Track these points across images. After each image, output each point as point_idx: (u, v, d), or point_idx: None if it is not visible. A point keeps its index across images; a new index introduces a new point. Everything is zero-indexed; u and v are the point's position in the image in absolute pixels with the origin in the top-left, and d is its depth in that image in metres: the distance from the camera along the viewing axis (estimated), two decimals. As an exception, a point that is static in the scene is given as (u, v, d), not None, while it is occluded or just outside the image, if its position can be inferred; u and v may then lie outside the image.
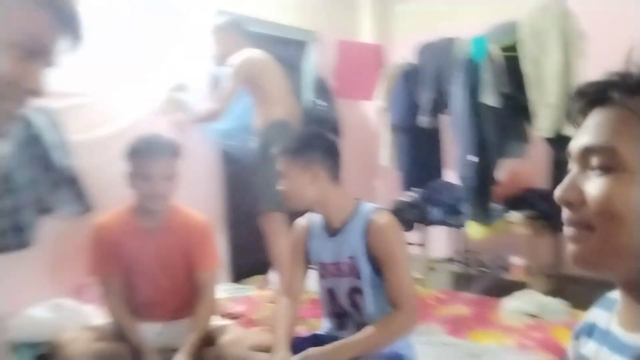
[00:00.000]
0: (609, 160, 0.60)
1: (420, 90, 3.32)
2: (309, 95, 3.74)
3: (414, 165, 3.47)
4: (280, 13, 3.62)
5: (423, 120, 3.28)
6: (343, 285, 1.63)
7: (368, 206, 1.64)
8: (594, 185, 0.61)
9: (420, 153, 3.47)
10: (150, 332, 1.88)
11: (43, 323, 2.02)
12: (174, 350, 1.81)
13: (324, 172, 1.62)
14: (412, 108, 3.38)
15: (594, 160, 0.62)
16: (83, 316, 2.11)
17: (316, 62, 3.74)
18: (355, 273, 1.59)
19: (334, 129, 3.72)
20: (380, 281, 1.57)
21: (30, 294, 2.18)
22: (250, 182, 2.98)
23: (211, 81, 3.13)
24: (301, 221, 1.77)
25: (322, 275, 1.70)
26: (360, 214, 1.61)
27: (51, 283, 2.24)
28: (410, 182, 3.49)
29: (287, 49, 3.61)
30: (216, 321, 1.98)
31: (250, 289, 3.03)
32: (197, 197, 2.98)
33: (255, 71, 2.80)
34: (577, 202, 0.63)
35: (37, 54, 0.70)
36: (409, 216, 3.33)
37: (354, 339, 1.53)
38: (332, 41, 3.77)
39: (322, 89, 3.70)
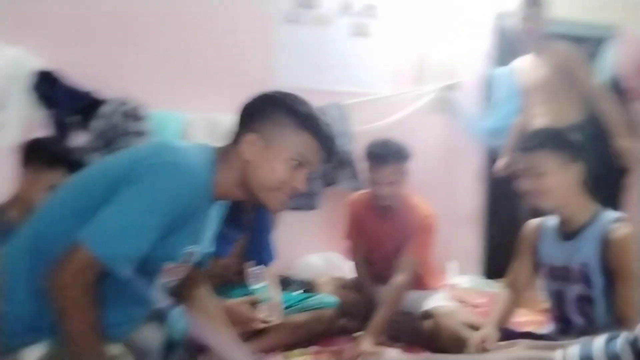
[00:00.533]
0: None
1: None
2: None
3: None
4: (574, 8, 3.39)
5: None
6: (571, 291, 1.58)
7: (609, 214, 1.55)
8: None
9: None
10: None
11: (314, 268, 2.61)
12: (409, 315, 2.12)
13: (581, 171, 1.57)
14: None
15: None
16: (340, 269, 2.60)
17: (614, 61, 3.37)
18: (585, 280, 1.53)
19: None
20: (611, 293, 1.48)
21: (310, 245, 2.83)
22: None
23: (486, 82, 3.22)
24: (534, 221, 1.76)
25: (551, 278, 1.67)
26: (600, 222, 1.54)
27: (326, 240, 2.82)
28: None
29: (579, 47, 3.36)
30: (442, 302, 2.15)
31: (499, 287, 3.01)
32: (458, 191, 3.17)
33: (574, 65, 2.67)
34: None
35: (304, 165, 1.18)
36: None
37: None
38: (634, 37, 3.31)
39: (616, 91, 3.30)
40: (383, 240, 2.20)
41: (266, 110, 1.18)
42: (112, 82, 2.54)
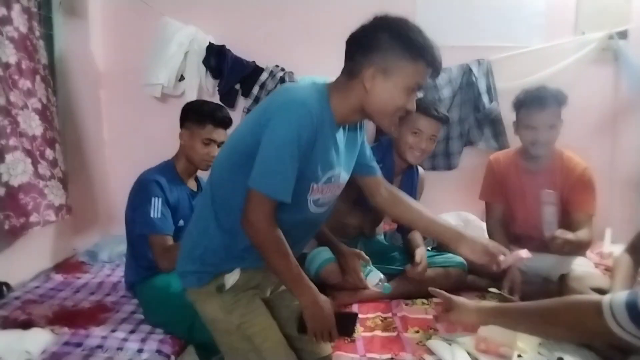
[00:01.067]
0: None
1: None
2: None
3: None
4: None
5: None
6: None
7: None
8: None
9: None
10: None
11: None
12: (546, 279, 2.11)
13: None
14: None
15: None
16: (476, 228, 2.60)
17: None
18: None
19: None
20: None
21: (447, 204, 2.85)
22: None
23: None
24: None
25: None
26: None
27: (463, 199, 2.82)
28: None
29: None
30: (580, 266, 2.05)
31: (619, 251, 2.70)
32: (621, 153, 2.88)
33: None
34: None
35: (418, 90, 1.36)
36: None
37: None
38: None
39: None
40: (528, 199, 2.14)
41: (382, 43, 1.27)
42: (268, 52, 2.88)
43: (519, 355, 1.53)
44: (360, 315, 1.84)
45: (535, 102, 2.02)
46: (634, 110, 2.87)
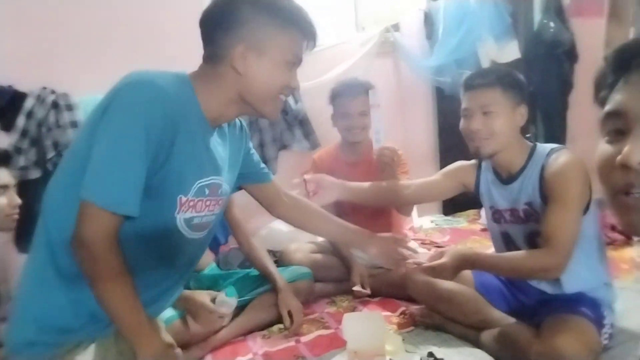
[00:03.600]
0: None
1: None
2: (538, 15, 3.41)
3: None
4: None
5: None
6: (521, 231, 1.58)
7: (544, 149, 1.53)
8: None
9: None
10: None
11: (281, 235, 2.57)
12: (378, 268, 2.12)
13: (525, 115, 1.53)
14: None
15: None
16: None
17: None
18: (534, 218, 1.53)
19: (568, 52, 3.34)
20: None
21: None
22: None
23: (425, 19, 3.15)
24: (468, 163, 1.74)
25: (496, 220, 1.66)
26: (536, 159, 1.52)
27: None
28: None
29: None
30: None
31: (460, 222, 3.11)
32: (412, 133, 3.16)
33: None
34: None
35: (298, 63, 1.15)
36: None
37: (497, 255, 1.60)
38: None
39: (553, 8, 3.32)
40: None
41: (245, 16, 1.06)
42: (31, 72, 2.30)
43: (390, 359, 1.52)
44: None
45: (347, 91, 2.16)
46: (415, 95, 3.20)
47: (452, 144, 3.29)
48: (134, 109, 0.96)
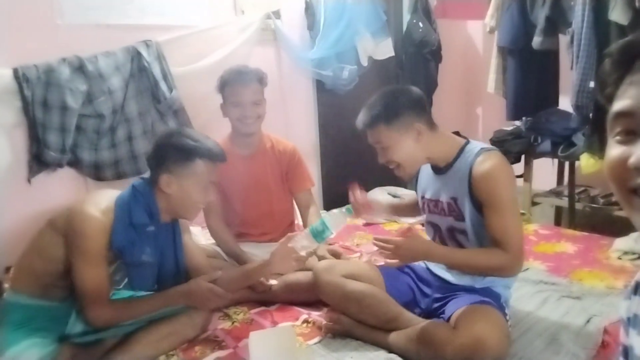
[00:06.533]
0: None
1: (536, 6, 2.94)
2: (407, 16, 3.54)
3: (524, 93, 3.10)
4: None
5: (537, 41, 2.92)
6: (444, 223, 1.60)
7: (474, 147, 1.53)
8: None
9: (532, 78, 3.08)
10: (247, 250, 2.03)
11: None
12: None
13: (424, 125, 1.51)
14: (525, 28, 3.01)
15: None
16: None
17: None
18: (455, 214, 1.55)
19: (434, 52, 3.52)
20: (482, 223, 1.49)
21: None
22: (342, 112, 2.93)
23: (306, 8, 3.04)
24: None
25: (423, 209, 1.69)
26: (465, 156, 1.52)
27: None
28: (519, 110, 3.18)
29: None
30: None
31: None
32: (292, 124, 3.04)
33: None
34: None
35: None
36: (514, 148, 3.12)
37: (454, 250, 1.56)
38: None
39: (421, 9, 3.47)
40: (246, 185, 2.08)
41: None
42: None
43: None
44: None
45: (239, 79, 2.01)
46: (297, 87, 3.07)
47: (332, 137, 3.30)
48: None
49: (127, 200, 1.48)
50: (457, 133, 1.96)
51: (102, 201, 1.47)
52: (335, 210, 1.63)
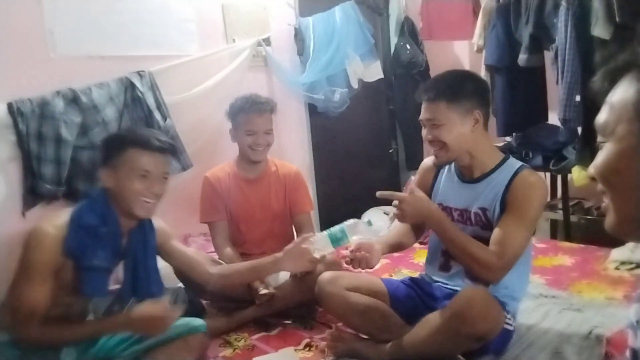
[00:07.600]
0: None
1: (520, 25, 3.02)
2: (395, 38, 3.61)
3: (513, 109, 3.13)
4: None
5: (523, 58, 2.98)
6: (467, 232, 1.56)
7: (516, 163, 1.56)
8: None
9: (520, 95, 3.12)
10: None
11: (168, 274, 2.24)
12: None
13: (482, 118, 1.52)
14: (510, 46, 3.07)
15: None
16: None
17: (402, 2, 3.57)
18: (481, 224, 1.56)
19: (422, 73, 3.58)
20: None
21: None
22: (335, 134, 2.95)
23: (295, 34, 3.08)
24: (431, 160, 1.73)
25: None
26: (506, 169, 1.54)
27: (181, 225, 2.41)
28: (509, 126, 3.23)
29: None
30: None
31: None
32: (286, 147, 3.06)
33: None
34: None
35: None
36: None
37: (453, 224, 1.55)
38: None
39: (408, 32, 3.54)
40: (251, 207, 2.17)
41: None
42: None
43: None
44: None
45: (255, 108, 2.10)
46: (289, 111, 3.10)
47: (326, 159, 3.32)
48: None
49: (81, 206, 1.50)
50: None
51: (60, 217, 1.45)
52: (356, 220, 1.63)
